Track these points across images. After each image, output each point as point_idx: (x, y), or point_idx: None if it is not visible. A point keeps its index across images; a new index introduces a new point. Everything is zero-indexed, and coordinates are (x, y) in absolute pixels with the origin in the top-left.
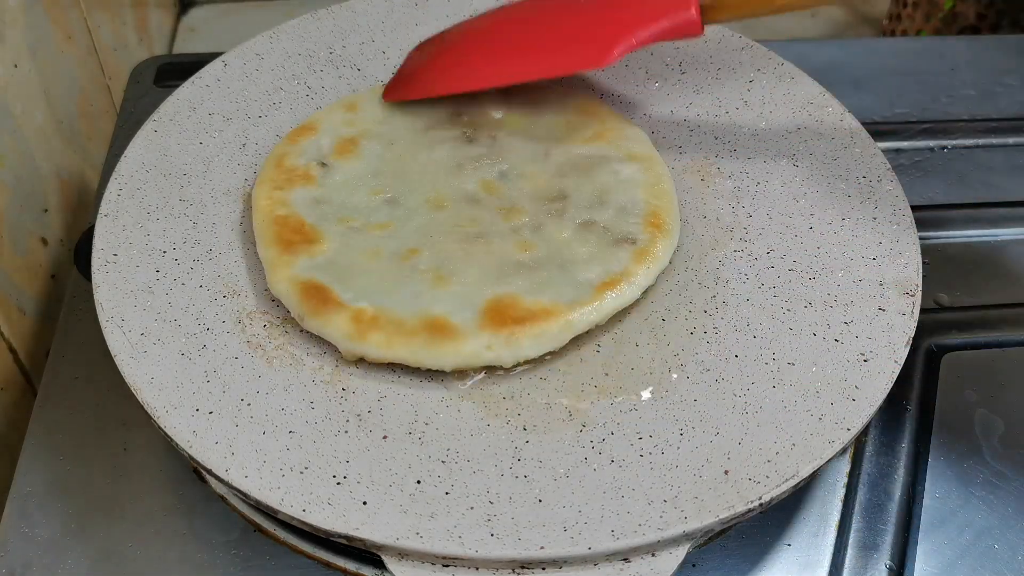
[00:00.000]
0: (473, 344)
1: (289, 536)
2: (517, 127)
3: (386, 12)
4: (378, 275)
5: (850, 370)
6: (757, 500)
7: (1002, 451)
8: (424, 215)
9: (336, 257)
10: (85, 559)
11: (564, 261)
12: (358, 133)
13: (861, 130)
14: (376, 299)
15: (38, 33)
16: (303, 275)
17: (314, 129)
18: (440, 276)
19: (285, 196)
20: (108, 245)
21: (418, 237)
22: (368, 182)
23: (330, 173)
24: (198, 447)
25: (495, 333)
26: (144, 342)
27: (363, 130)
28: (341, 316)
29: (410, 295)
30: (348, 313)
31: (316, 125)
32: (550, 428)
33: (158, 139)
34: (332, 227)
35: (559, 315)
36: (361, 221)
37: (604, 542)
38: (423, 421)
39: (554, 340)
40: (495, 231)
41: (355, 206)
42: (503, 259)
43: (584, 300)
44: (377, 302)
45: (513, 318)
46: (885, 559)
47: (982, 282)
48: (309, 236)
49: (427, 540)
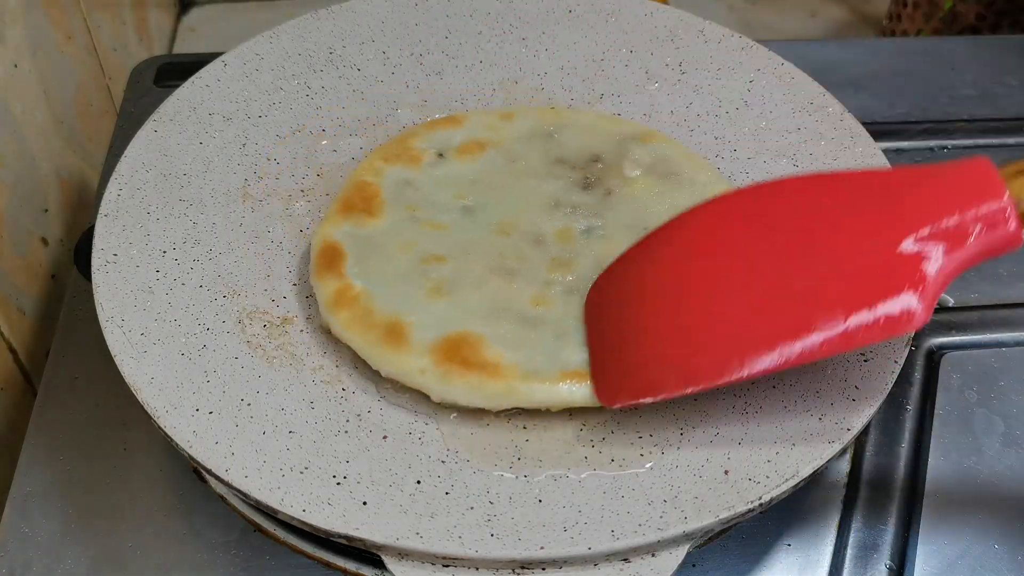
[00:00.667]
0: (411, 362)
1: (289, 536)
2: (641, 193)
3: (386, 12)
4: (392, 265)
5: (850, 370)
6: (757, 500)
7: (1002, 451)
8: (483, 233)
9: (376, 235)
10: (85, 559)
11: (564, 333)
12: (493, 140)
13: (861, 130)
14: (372, 284)
15: (38, 33)
16: (336, 236)
17: (459, 123)
18: (439, 289)
19: (383, 167)
20: (108, 245)
21: (457, 249)
22: (462, 185)
23: (439, 165)
24: (198, 447)
25: (436, 363)
26: (144, 342)
27: (500, 139)
28: (333, 283)
29: (400, 294)
30: (340, 283)
31: (463, 120)
32: (550, 428)
33: (158, 139)
34: (398, 210)
35: (506, 379)
36: (426, 215)
37: (604, 542)
38: (423, 421)
39: (488, 400)
40: (530, 276)
41: (433, 201)
42: (509, 302)
43: (545, 377)
44: (370, 287)
45: (461, 359)
46: (885, 559)
47: (982, 282)
48: (372, 208)
49: (427, 540)
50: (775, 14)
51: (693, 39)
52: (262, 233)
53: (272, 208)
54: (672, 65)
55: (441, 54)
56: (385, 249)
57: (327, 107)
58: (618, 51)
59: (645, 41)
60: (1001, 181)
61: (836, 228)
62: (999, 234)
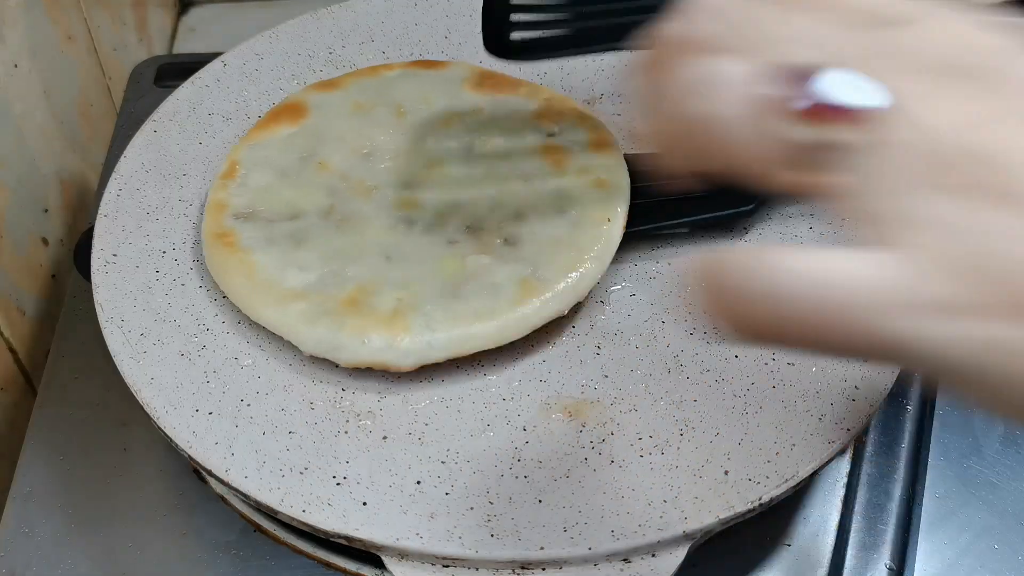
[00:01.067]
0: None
1: (289, 536)
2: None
3: (386, 12)
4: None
5: (850, 370)
6: (757, 500)
7: (1002, 451)
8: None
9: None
10: (85, 559)
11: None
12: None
13: None
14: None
15: (38, 33)
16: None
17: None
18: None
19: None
20: (108, 245)
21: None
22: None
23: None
24: (198, 447)
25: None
26: (144, 342)
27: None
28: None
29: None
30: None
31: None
32: (550, 428)
33: (158, 139)
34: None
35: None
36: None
37: (604, 542)
38: (423, 421)
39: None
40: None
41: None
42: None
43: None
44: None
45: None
46: (885, 559)
47: None
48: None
49: (427, 540)
50: None
51: None
52: None
53: None
54: None
55: (441, 54)
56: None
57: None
58: (618, 51)
59: None
60: None
61: None
62: None
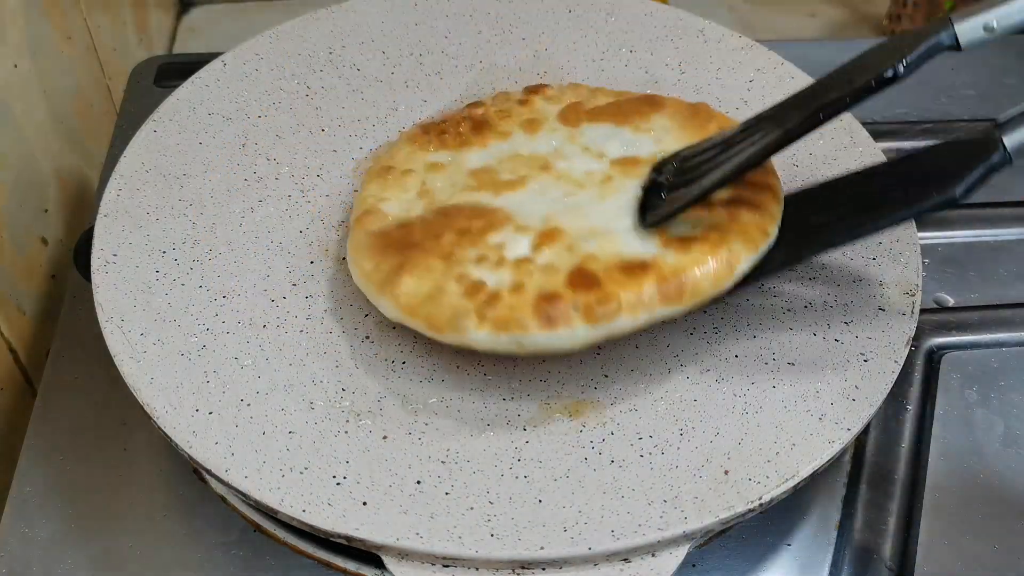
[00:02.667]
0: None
1: (289, 536)
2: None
3: (386, 12)
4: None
5: (850, 370)
6: (757, 500)
7: (1002, 451)
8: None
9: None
10: (85, 559)
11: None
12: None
13: (861, 130)
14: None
15: (38, 33)
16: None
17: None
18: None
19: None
20: (108, 245)
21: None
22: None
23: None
24: (198, 447)
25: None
26: (144, 342)
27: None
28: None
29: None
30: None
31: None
32: (550, 428)
33: (158, 139)
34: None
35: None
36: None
37: (604, 542)
38: (423, 421)
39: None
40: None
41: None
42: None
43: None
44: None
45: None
46: (885, 559)
47: (982, 282)
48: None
49: (427, 540)
50: (775, 14)
51: (693, 39)
52: (262, 233)
53: (272, 208)
54: (672, 65)
55: (441, 54)
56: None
57: (327, 107)
58: (618, 51)
59: (645, 41)
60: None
61: None
62: None
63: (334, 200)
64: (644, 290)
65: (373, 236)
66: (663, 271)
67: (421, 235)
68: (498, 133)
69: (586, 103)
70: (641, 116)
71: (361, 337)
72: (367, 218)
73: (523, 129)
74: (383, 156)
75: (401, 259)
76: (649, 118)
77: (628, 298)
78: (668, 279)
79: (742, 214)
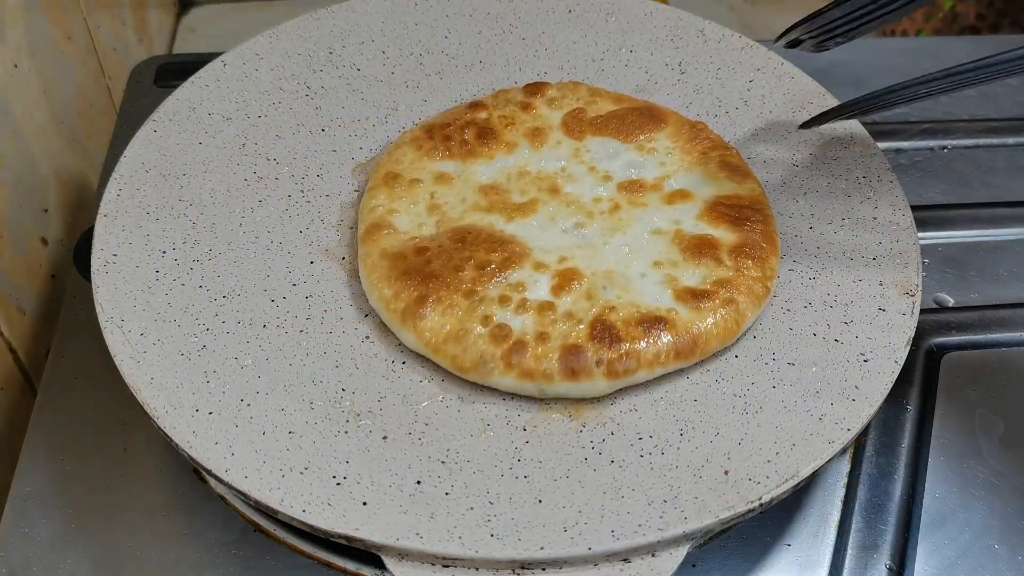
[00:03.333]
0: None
1: (289, 536)
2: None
3: (386, 12)
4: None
5: (850, 370)
6: (757, 500)
7: (1002, 451)
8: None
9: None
10: (85, 559)
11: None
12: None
13: (861, 130)
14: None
15: (38, 33)
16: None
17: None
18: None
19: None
20: (108, 245)
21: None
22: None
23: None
24: (198, 447)
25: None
26: (144, 342)
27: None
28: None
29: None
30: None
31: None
32: (550, 428)
33: (158, 139)
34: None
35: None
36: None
37: (604, 542)
38: (423, 421)
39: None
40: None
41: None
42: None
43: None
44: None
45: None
46: (885, 559)
47: (982, 282)
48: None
49: (427, 540)
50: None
51: (693, 39)
52: (261, 233)
53: (271, 208)
54: (672, 65)
55: (441, 54)
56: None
57: (327, 107)
58: (618, 51)
59: (645, 41)
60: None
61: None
62: None
63: (334, 200)
64: (661, 348)
65: (390, 258)
66: (678, 327)
67: (440, 265)
68: (504, 144)
69: (588, 110)
70: (644, 133)
71: (361, 337)
72: (378, 233)
73: (528, 140)
74: (387, 160)
75: (423, 291)
76: (652, 137)
77: (646, 356)
78: (682, 335)
79: (748, 268)
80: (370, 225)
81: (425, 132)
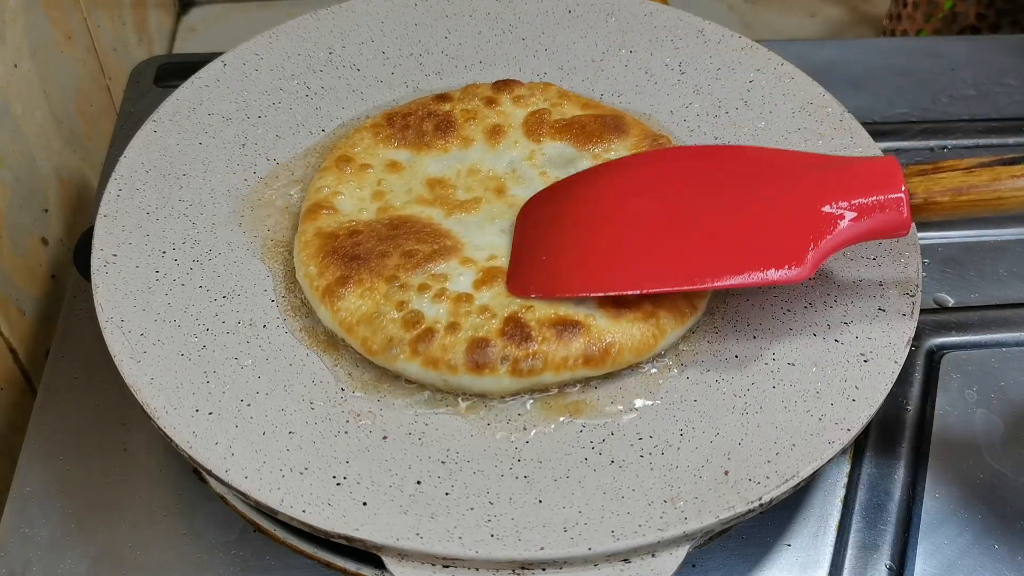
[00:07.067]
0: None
1: (289, 536)
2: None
3: (386, 12)
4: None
5: (850, 370)
6: (757, 500)
7: (1002, 451)
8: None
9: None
10: (85, 559)
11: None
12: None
13: (861, 130)
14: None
15: (38, 33)
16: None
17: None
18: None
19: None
20: (108, 245)
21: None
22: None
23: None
24: (198, 448)
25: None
26: (144, 343)
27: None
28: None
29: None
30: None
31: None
32: (550, 428)
33: (158, 139)
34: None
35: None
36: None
37: (604, 543)
38: (423, 421)
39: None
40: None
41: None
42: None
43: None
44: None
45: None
46: (885, 559)
47: (982, 282)
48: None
49: (427, 540)
50: (775, 14)
51: (693, 39)
52: (262, 233)
53: (272, 208)
54: (672, 65)
55: (441, 54)
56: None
57: (327, 107)
58: (618, 51)
59: (645, 41)
60: (902, 177)
61: (749, 192)
62: (891, 218)
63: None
64: (571, 352)
65: (322, 237)
66: (592, 334)
67: (368, 249)
68: (461, 138)
69: (553, 111)
70: (603, 143)
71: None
72: (318, 212)
73: (486, 137)
74: (343, 143)
75: (346, 272)
76: (610, 147)
77: (553, 359)
78: (594, 343)
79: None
80: (312, 204)
81: (386, 119)
